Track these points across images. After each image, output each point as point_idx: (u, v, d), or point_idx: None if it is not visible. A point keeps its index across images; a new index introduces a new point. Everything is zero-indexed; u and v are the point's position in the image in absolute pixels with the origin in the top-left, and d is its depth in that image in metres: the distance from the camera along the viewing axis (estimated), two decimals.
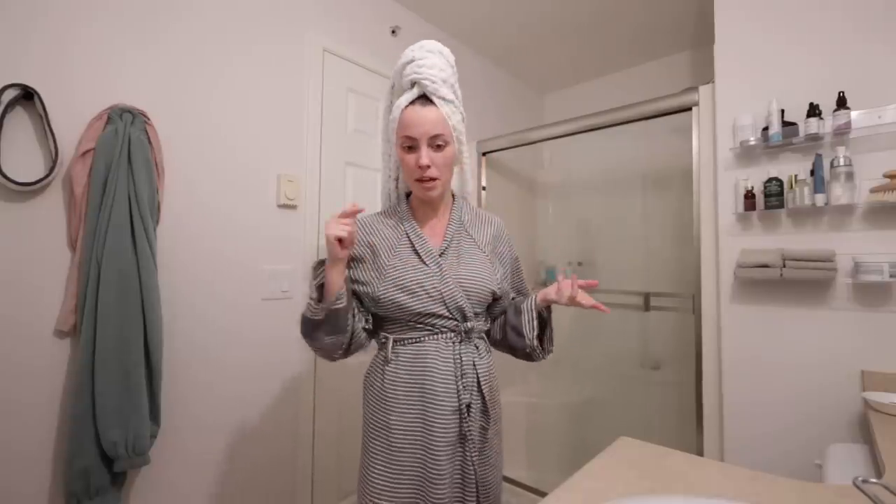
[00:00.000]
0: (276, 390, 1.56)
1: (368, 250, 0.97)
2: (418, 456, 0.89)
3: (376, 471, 0.91)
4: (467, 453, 0.91)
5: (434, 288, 0.92)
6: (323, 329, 0.89)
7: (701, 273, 1.57)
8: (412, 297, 0.91)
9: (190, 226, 1.36)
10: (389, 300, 0.91)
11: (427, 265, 0.94)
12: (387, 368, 0.93)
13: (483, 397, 0.94)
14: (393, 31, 2.03)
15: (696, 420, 1.56)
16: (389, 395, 0.92)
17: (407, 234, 0.96)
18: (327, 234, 0.83)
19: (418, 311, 0.91)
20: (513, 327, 1.00)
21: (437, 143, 0.89)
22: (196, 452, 1.36)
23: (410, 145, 0.90)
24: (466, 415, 0.91)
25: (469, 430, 0.90)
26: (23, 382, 1.07)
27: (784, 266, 1.33)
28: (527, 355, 1.02)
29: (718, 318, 1.52)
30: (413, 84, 0.91)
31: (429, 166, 0.89)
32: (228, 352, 1.44)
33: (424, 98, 0.90)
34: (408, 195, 1.04)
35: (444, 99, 0.90)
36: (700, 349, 1.55)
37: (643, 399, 2.14)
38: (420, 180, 0.91)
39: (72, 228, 1.13)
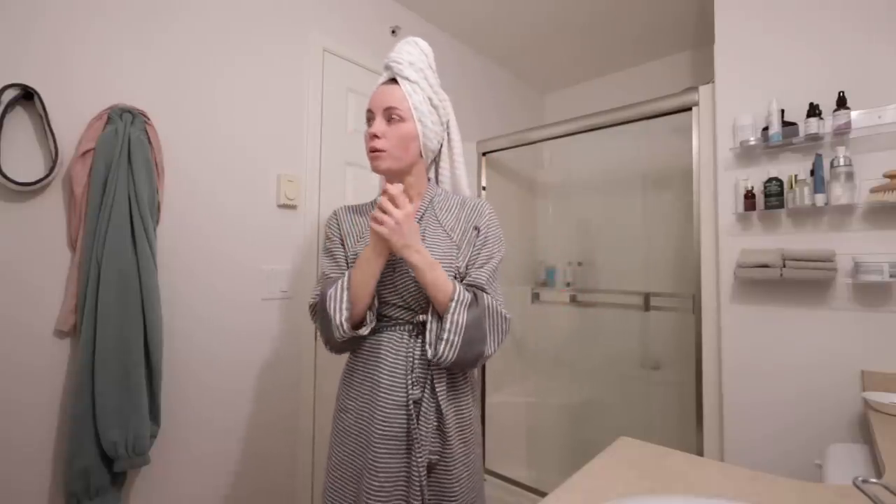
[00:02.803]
0: (276, 390, 1.56)
1: (340, 243, 1.01)
2: (362, 442, 0.91)
3: (332, 449, 0.97)
4: (413, 454, 0.86)
5: (387, 276, 0.91)
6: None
7: (701, 273, 1.57)
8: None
9: (190, 226, 1.36)
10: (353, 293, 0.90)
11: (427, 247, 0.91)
12: (353, 356, 0.99)
13: (436, 397, 0.90)
14: (393, 31, 2.03)
15: (696, 420, 1.56)
16: (348, 382, 0.98)
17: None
18: (394, 218, 0.83)
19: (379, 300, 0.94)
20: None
21: (391, 115, 0.93)
22: (196, 452, 1.36)
23: (369, 118, 0.96)
24: (415, 413, 0.87)
25: (417, 430, 0.86)
26: (23, 382, 1.07)
27: (784, 266, 1.33)
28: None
29: (718, 318, 1.52)
30: (386, 69, 0.99)
31: (376, 136, 0.91)
32: (228, 351, 1.44)
33: (392, 80, 0.96)
34: None
35: (407, 79, 0.95)
36: (700, 349, 1.55)
37: (643, 399, 2.14)
38: (369, 151, 0.93)
39: (72, 228, 1.13)
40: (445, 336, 0.85)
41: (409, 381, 0.89)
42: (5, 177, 1.03)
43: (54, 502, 1.10)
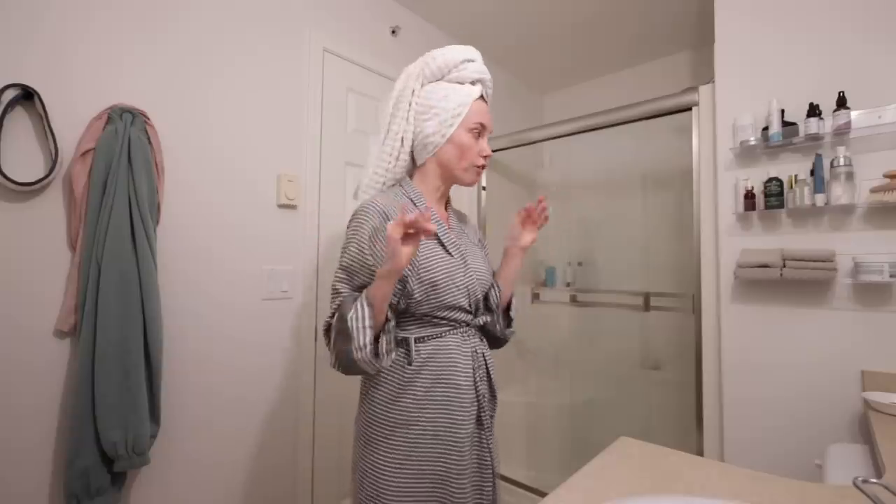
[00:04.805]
0: (276, 390, 1.56)
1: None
2: (439, 450, 0.88)
3: (392, 470, 0.87)
4: (484, 441, 0.94)
5: (461, 280, 0.91)
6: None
7: (701, 273, 1.57)
8: (443, 291, 0.89)
9: (190, 226, 1.36)
10: (422, 294, 0.87)
11: (453, 256, 0.93)
12: (407, 367, 0.89)
13: (491, 385, 0.98)
14: (393, 31, 2.03)
15: (696, 420, 1.56)
16: (410, 393, 0.88)
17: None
18: (418, 228, 0.73)
19: (448, 304, 0.90)
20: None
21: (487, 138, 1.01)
22: (196, 452, 1.36)
23: (480, 132, 0.97)
24: (483, 404, 0.94)
25: (485, 418, 0.94)
26: (23, 382, 1.07)
27: (784, 266, 1.33)
28: (496, 339, 1.07)
29: (718, 318, 1.52)
30: (475, 82, 0.98)
31: (489, 156, 0.98)
32: (228, 351, 1.44)
33: (482, 97, 1.00)
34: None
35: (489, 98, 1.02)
36: (700, 349, 1.55)
37: (643, 399, 2.14)
38: (478, 167, 0.98)
39: (72, 228, 1.13)
40: (514, 315, 1.06)
41: (477, 378, 0.94)
42: (5, 177, 1.03)
43: (54, 502, 1.10)
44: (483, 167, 0.98)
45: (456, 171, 0.97)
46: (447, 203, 1.05)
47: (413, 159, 1.01)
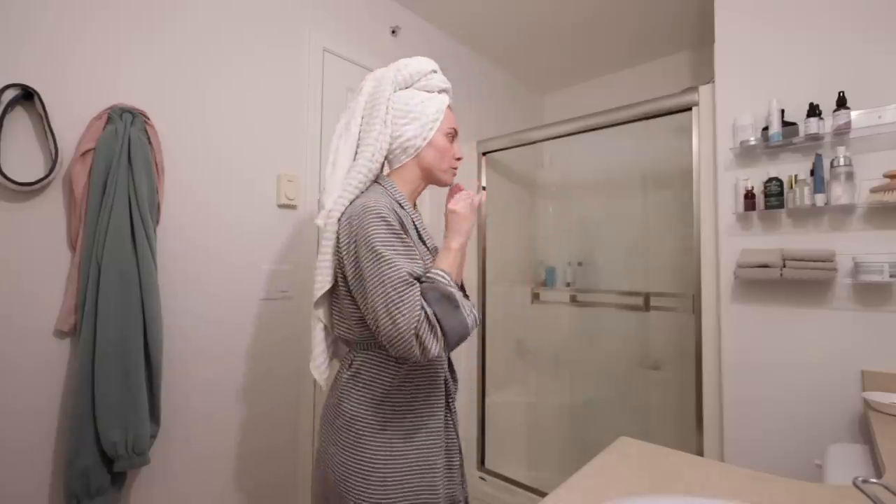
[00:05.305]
0: (275, 390, 1.56)
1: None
2: (436, 441, 0.93)
3: (395, 459, 0.88)
4: (451, 423, 1.00)
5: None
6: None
7: (701, 273, 1.57)
8: None
9: (190, 226, 1.36)
10: None
11: (431, 254, 0.98)
12: (394, 366, 0.90)
13: (452, 368, 1.06)
14: (393, 31, 2.03)
15: (696, 420, 1.56)
16: (401, 389, 0.91)
17: (414, 224, 0.96)
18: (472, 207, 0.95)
19: None
20: None
21: None
22: (196, 452, 1.36)
23: (453, 136, 1.04)
24: (449, 387, 1.01)
25: (451, 402, 1.02)
26: (23, 382, 1.07)
27: (784, 266, 1.33)
28: None
29: (718, 318, 1.52)
30: (441, 91, 1.04)
31: (461, 158, 1.05)
32: (228, 351, 1.44)
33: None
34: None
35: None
36: (700, 349, 1.55)
37: (643, 399, 2.14)
38: (454, 168, 1.05)
39: (72, 228, 1.13)
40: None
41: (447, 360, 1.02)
42: (5, 177, 1.03)
43: (54, 502, 1.10)
44: (455, 168, 1.06)
45: (436, 172, 1.02)
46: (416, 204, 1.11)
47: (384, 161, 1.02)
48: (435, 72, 1.03)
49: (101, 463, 1.09)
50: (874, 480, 0.62)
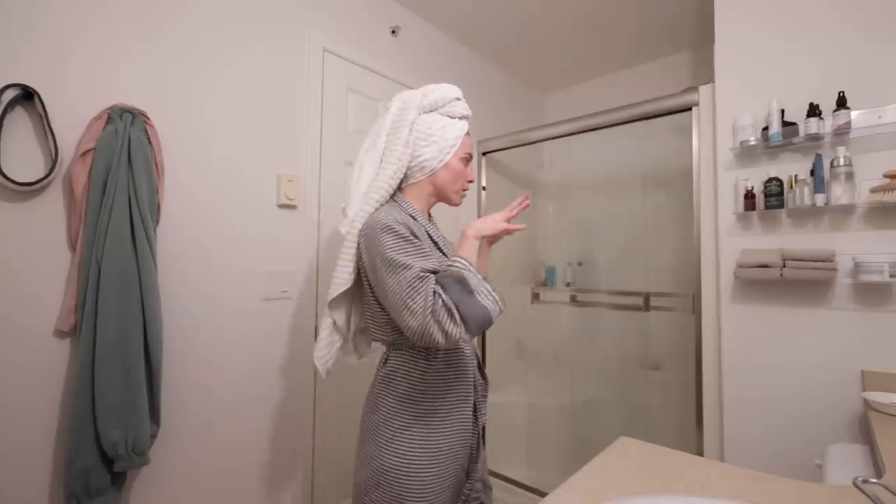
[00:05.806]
0: (275, 390, 1.56)
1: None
2: (464, 435, 0.99)
3: (421, 463, 0.94)
4: (479, 419, 1.06)
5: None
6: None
7: (701, 273, 1.57)
8: None
9: (190, 226, 1.36)
10: None
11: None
12: (423, 363, 0.99)
13: (482, 370, 1.11)
14: (393, 31, 2.03)
15: (695, 420, 1.56)
16: (431, 385, 0.98)
17: (428, 233, 1.03)
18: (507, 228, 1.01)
19: None
20: None
21: None
22: (196, 452, 1.36)
23: (468, 160, 1.11)
24: (478, 389, 1.06)
25: (480, 403, 1.07)
26: (23, 382, 1.07)
27: (784, 266, 1.33)
28: None
29: (718, 318, 1.52)
30: (463, 117, 1.10)
31: (472, 181, 1.12)
32: (228, 351, 1.44)
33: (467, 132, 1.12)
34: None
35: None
36: (700, 349, 1.55)
37: (643, 399, 2.15)
38: (465, 189, 1.11)
39: (72, 228, 1.13)
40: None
41: (476, 363, 1.08)
42: (5, 177, 1.02)
43: (54, 502, 1.10)
44: (466, 190, 1.13)
45: (448, 192, 1.09)
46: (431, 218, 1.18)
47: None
48: (458, 99, 1.09)
49: (101, 463, 1.09)
50: (874, 480, 0.62)
